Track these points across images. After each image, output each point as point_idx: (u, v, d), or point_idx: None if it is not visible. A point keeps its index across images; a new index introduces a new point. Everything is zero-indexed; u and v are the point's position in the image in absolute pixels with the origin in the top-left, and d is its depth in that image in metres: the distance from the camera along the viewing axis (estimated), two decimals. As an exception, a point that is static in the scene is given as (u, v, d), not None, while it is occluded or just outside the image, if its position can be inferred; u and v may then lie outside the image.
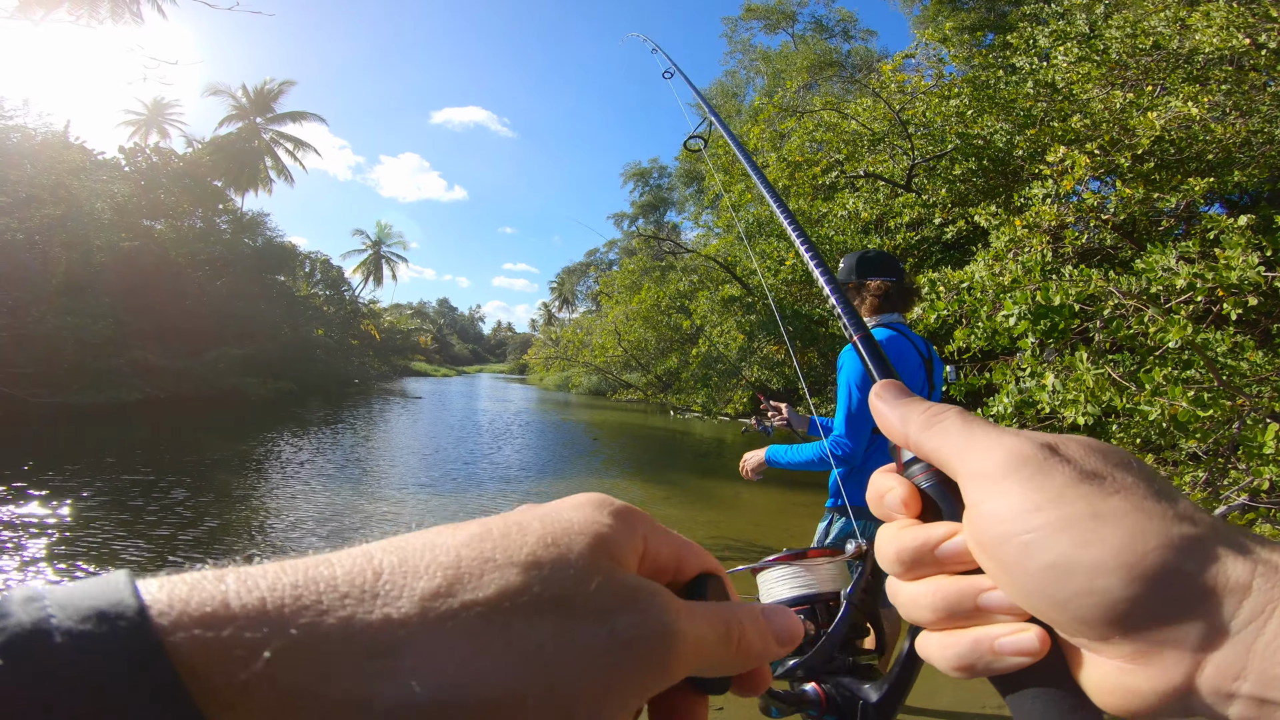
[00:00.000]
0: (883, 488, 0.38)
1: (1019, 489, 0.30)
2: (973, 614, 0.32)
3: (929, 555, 0.34)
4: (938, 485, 0.36)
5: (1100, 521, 0.28)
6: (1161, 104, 6.03)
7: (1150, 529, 0.28)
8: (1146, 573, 0.27)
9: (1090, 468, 0.30)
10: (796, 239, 0.69)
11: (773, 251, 13.40)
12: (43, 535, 5.37)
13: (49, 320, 13.92)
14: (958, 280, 5.12)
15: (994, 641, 0.31)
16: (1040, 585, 0.29)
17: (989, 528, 0.31)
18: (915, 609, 0.34)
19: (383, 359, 41.74)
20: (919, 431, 0.36)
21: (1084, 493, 0.29)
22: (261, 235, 27.73)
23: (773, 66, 27.50)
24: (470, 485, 8.67)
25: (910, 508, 0.36)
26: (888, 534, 0.36)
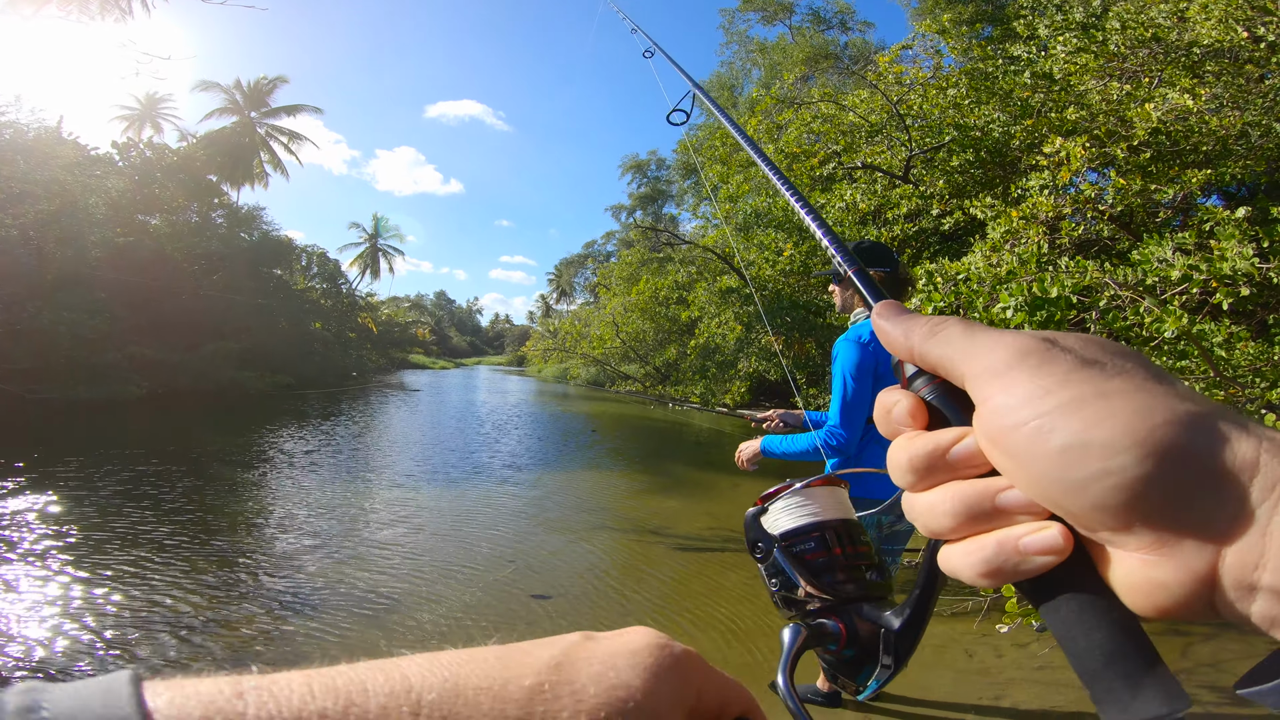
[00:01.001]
0: (889, 402, 0.38)
1: (1025, 378, 0.30)
2: (992, 515, 0.32)
3: (941, 460, 0.34)
4: (943, 395, 0.36)
5: (1107, 400, 0.29)
6: (1159, 96, 6.02)
7: (1156, 405, 0.28)
8: (1158, 448, 0.27)
9: (1090, 355, 0.31)
10: (781, 185, 0.70)
11: (770, 242, 13.40)
12: (39, 531, 5.38)
13: (44, 316, 13.89)
14: (955, 272, 5.13)
15: (1018, 541, 0.31)
16: (1056, 471, 0.29)
17: (1000, 419, 0.31)
18: (933, 517, 0.34)
19: (380, 352, 41.68)
20: (923, 341, 0.36)
21: (1088, 375, 0.30)
22: (257, 229, 27.61)
23: (769, 58, 27.38)
24: (470, 478, 8.69)
25: (917, 419, 0.36)
26: (899, 445, 0.36)
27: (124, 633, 3.75)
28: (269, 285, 26.77)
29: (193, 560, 4.98)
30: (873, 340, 2.58)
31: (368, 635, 3.88)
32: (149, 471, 7.73)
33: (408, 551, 5.49)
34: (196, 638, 3.73)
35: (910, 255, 11.31)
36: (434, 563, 5.25)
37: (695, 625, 4.28)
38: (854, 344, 2.59)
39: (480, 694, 0.27)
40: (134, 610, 4.05)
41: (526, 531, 6.34)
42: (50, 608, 4.02)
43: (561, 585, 4.88)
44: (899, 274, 2.75)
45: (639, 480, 9.41)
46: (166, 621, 3.91)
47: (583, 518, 6.97)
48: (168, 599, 4.24)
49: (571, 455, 11.84)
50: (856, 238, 11.85)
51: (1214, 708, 2.91)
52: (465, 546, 5.74)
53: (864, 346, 2.58)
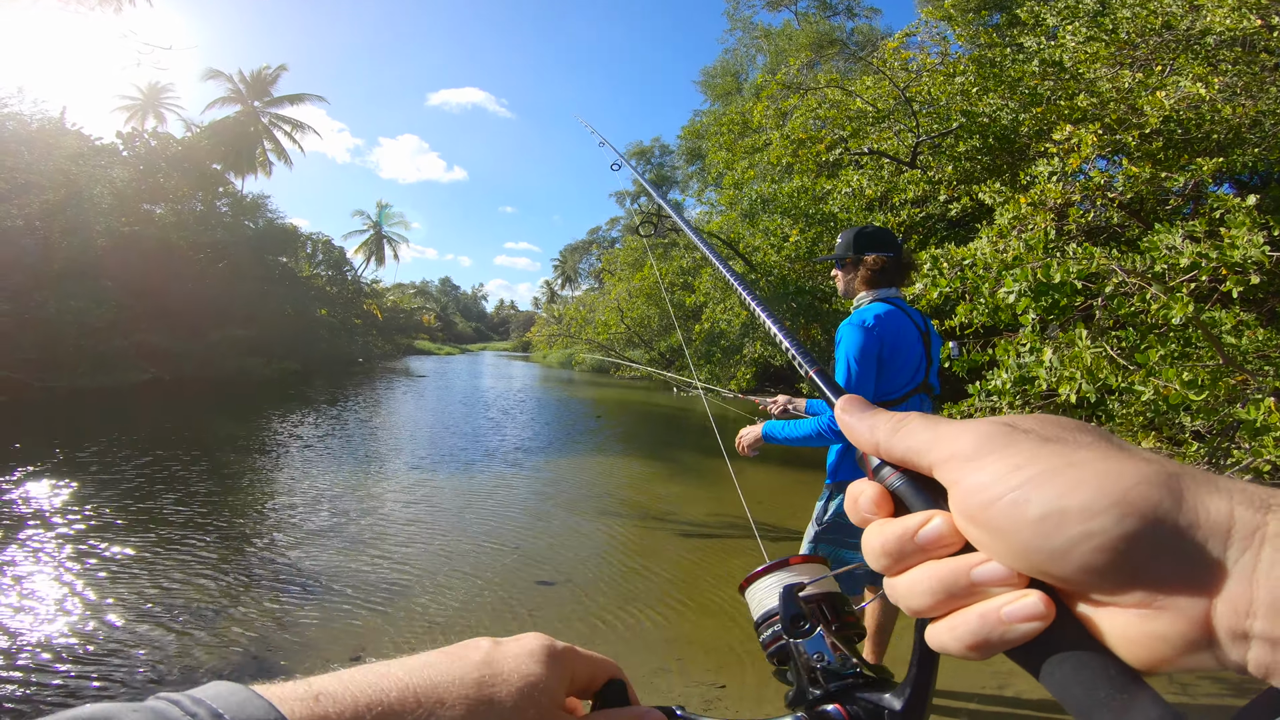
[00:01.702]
0: (855, 493, 0.39)
1: (994, 458, 0.32)
2: (969, 590, 0.33)
3: (910, 543, 0.35)
4: (908, 483, 0.37)
5: (1077, 469, 0.29)
6: (1171, 84, 5.94)
7: (1125, 469, 0.29)
8: (1135, 507, 0.28)
9: (1050, 434, 0.32)
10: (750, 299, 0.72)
11: (775, 228, 13.34)
12: (52, 518, 5.43)
13: (51, 305, 13.96)
14: (961, 257, 5.10)
15: (999, 612, 0.31)
16: (1037, 539, 0.29)
17: (975, 496, 0.32)
18: (912, 597, 0.35)
19: (386, 338, 41.75)
20: (888, 437, 0.38)
21: (1054, 449, 0.31)
22: (262, 217, 27.60)
23: (774, 44, 27.10)
24: (476, 464, 8.72)
25: (883, 507, 0.38)
26: (870, 533, 0.37)
27: (132, 622, 3.79)
28: (274, 273, 26.81)
29: (203, 547, 5.03)
30: (877, 324, 2.56)
31: (374, 622, 3.91)
32: (157, 458, 7.79)
33: (413, 538, 5.53)
34: (205, 625, 3.77)
35: (917, 241, 11.24)
36: (439, 549, 5.28)
37: (698, 611, 4.30)
38: (858, 328, 2.57)
39: (451, 684, 0.41)
40: (141, 599, 4.09)
41: (531, 517, 6.37)
42: (65, 594, 4.07)
43: (565, 571, 4.91)
44: (901, 258, 2.74)
45: (643, 466, 9.43)
46: (179, 607, 3.96)
47: (587, 503, 7.00)
48: (180, 585, 4.29)
49: (576, 441, 11.88)
50: (863, 223, 11.79)
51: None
52: (470, 532, 5.77)
53: (868, 330, 2.56)
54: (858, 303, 2.74)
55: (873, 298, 2.70)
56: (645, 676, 3.38)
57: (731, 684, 3.36)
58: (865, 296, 2.73)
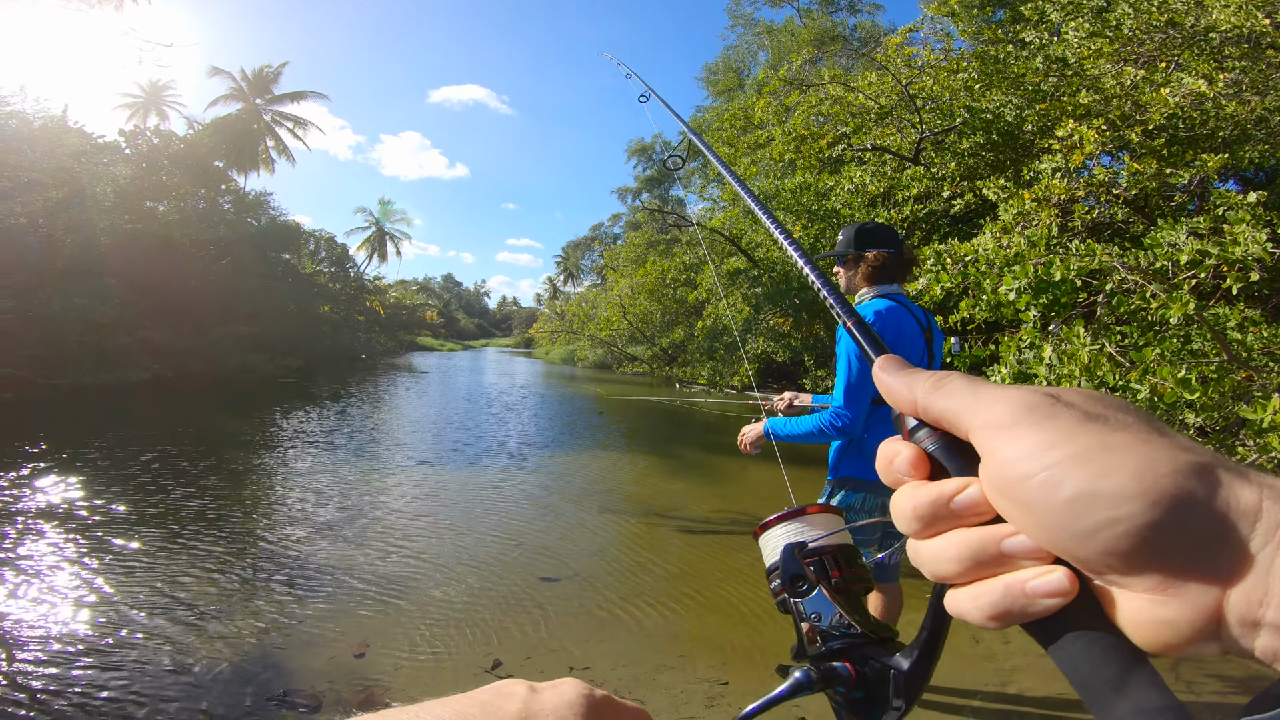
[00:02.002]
0: (890, 453, 0.39)
1: (1031, 431, 0.31)
2: (997, 560, 0.33)
3: (944, 509, 0.35)
4: (944, 446, 0.37)
5: (1113, 453, 0.30)
6: (1175, 81, 5.92)
7: (1161, 457, 0.29)
8: (1164, 496, 0.28)
9: (1093, 410, 0.32)
10: (781, 235, 0.71)
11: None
12: (58, 514, 5.46)
13: (55, 302, 13.98)
14: (964, 253, 5.09)
15: (1025, 585, 0.32)
16: (1065, 519, 0.30)
17: (1008, 470, 0.32)
18: (939, 563, 0.35)
19: (389, 334, 41.80)
20: (926, 395, 0.37)
21: (1093, 429, 0.31)
22: (265, 214, 27.61)
23: (776, 40, 27.02)
24: (479, 460, 8.74)
25: (919, 469, 0.37)
26: (903, 495, 0.37)
27: (144, 616, 3.81)
28: (277, 270, 26.83)
29: (209, 542, 5.05)
30: (878, 320, 2.57)
31: (380, 616, 3.93)
32: (162, 455, 7.81)
33: (418, 533, 5.55)
34: (210, 621, 3.79)
35: (920, 237, 11.23)
36: (444, 544, 5.30)
37: (703, 608, 4.31)
38: None
39: None
40: (152, 593, 4.11)
41: (535, 513, 6.38)
42: (71, 591, 4.09)
43: (570, 568, 4.93)
44: (903, 254, 2.74)
45: (646, 462, 9.45)
46: (184, 604, 3.98)
47: (590, 499, 7.01)
48: (184, 582, 4.31)
49: (578, 437, 11.89)
50: (866, 219, 11.77)
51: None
52: (474, 528, 5.79)
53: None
54: (859, 299, 2.74)
55: (874, 294, 2.70)
56: (649, 673, 3.39)
57: (735, 681, 3.37)
58: (867, 293, 2.73)
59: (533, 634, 3.80)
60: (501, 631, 3.83)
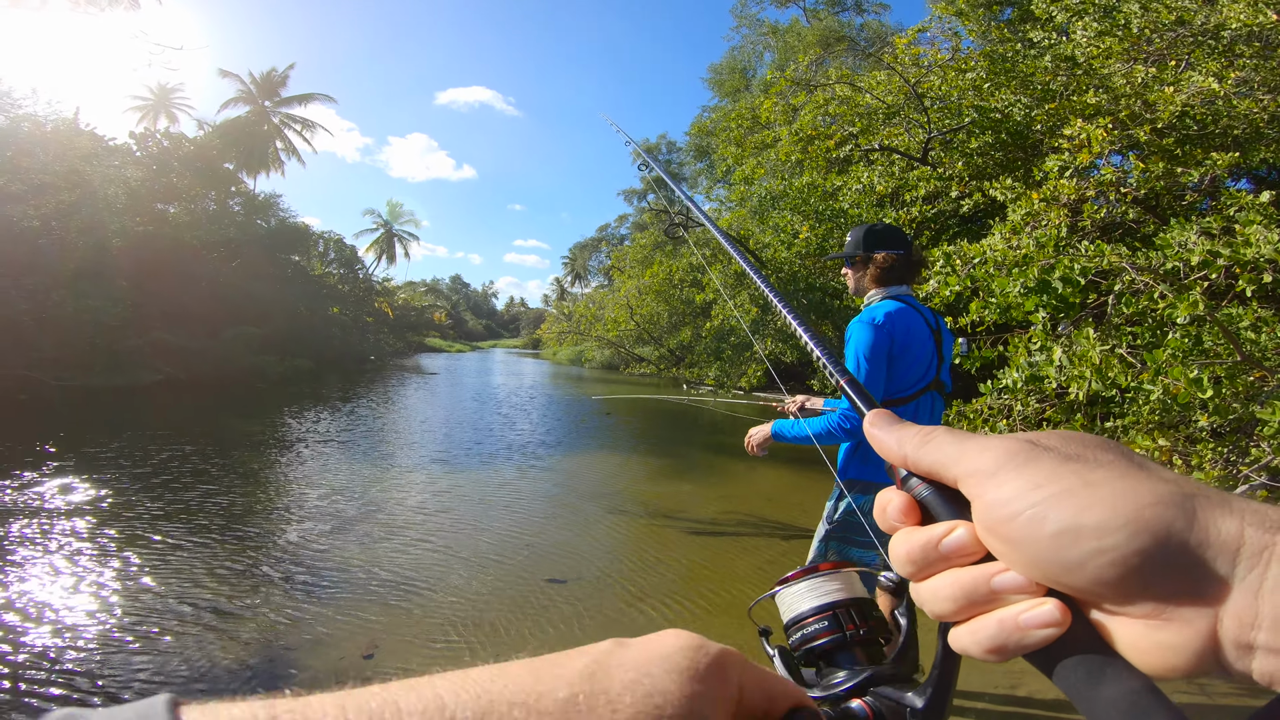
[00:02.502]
0: (884, 502, 0.40)
1: (1015, 475, 0.33)
2: (990, 598, 0.34)
3: (934, 551, 0.36)
4: (934, 493, 0.39)
5: (1094, 488, 0.31)
6: (1185, 79, 5.88)
7: (1141, 489, 0.31)
8: (1147, 525, 0.29)
9: (1071, 451, 0.34)
10: (776, 301, 0.75)
11: (786, 224, 13.30)
12: (71, 515, 5.51)
13: (68, 304, 14.10)
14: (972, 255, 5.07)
15: (1017, 618, 0.33)
16: (1053, 553, 0.31)
17: (996, 511, 0.33)
18: (936, 602, 0.36)
19: (397, 335, 41.93)
20: (915, 450, 0.39)
21: (1073, 469, 0.32)
22: (274, 216, 27.78)
23: (782, 41, 26.94)
24: (486, 461, 8.76)
25: (910, 516, 0.39)
26: (897, 540, 0.39)
27: (153, 614, 3.84)
28: (287, 271, 26.99)
29: (217, 544, 5.08)
30: (887, 321, 2.55)
31: (387, 618, 3.95)
32: (172, 456, 7.87)
33: (425, 535, 5.56)
34: (221, 621, 3.81)
35: (929, 238, 11.18)
36: (450, 546, 5.32)
37: (710, 610, 4.31)
38: (868, 325, 2.54)
39: (514, 709, 0.27)
40: (160, 593, 4.14)
41: (542, 515, 6.39)
42: (83, 589, 4.13)
43: (577, 569, 4.93)
44: (912, 256, 2.73)
45: (653, 464, 9.44)
46: (194, 603, 4.01)
47: (597, 501, 7.01)
48: (195, 581, 4.34)
49: (586, 438, 11.90)
50: (874, 220, 11.73)
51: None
52: (481, 529, 5.80)
53: (878, 328, 2.53)
54: (868, 300, 2.72)
55: (883, 295, 2.69)
56: (656, 674, 3.39)
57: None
58: (876, 294, 2.72)
59: (541, 635, 3.81)
60: (510, 633, 3.84)
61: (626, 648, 0.33)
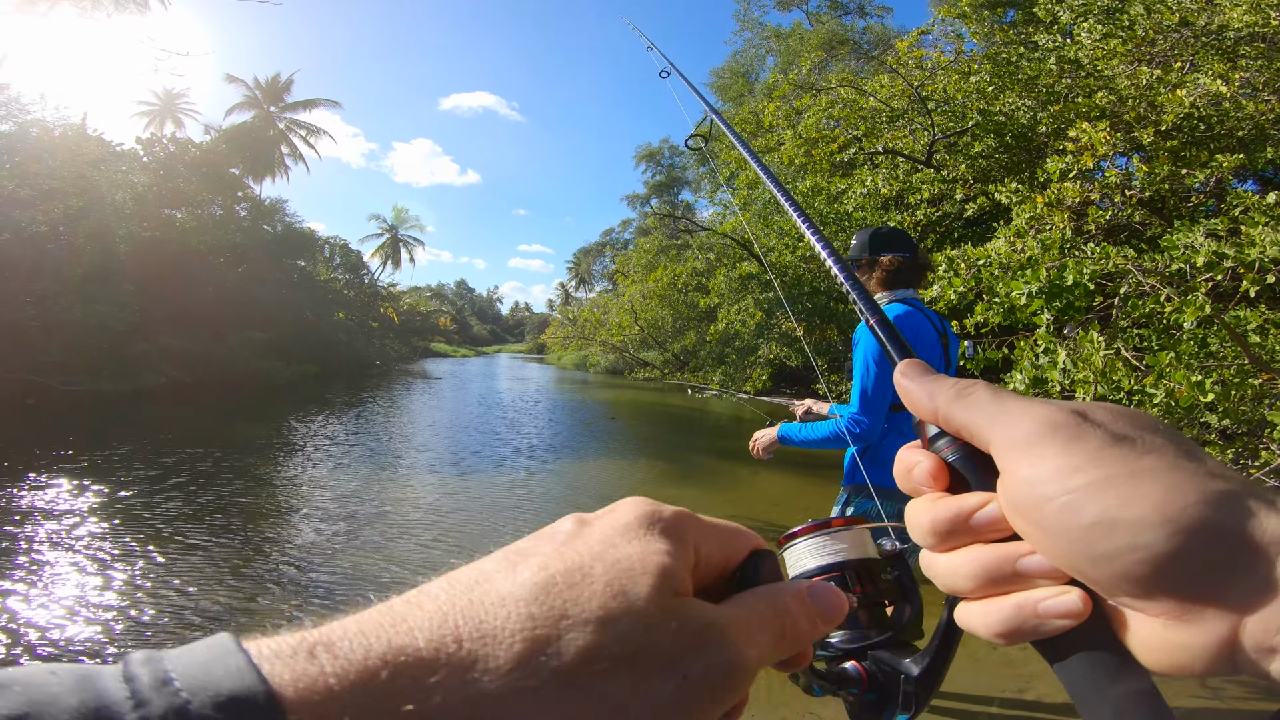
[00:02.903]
0: (910, 462, 0.38)
1: (1055, 453, 0.31)
2: (1012, 579, 0.32)
3: (963, 524, 0.34)
4: (965, 457, 0.36)
5: (1138, 479, 0.29)
6: (1190, 81, 5.87)
7: (1187, 485, 0.28)
8: (1188, 526, 0.27)
9: (1120, 431, 0.31)
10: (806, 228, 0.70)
11: (790, 228, 13.30)
12: (79, 518, 5.53)
13: (76, 309, 14.17)
14: (977, 258, 5.07)
15: (1037, 605, 0.31)
16: (1083, 544, 0.29)
17: (1028, 491, 0.31)
18: (953, 578, 0.35)
19: (403, 340, 42.05)
20: (948, 404, 0.37)
21: (1119, 454, 0.30)
22: (280, 221, 27.89)
23: (785, 44, 27.00)
24: (492, 465, 8.77)
25: (939, 480, 0.37)
26: (920, 506, 0.37)
27: (160, 618, 3.86)
28: (293, 276, 27.10)
29: (228, 546, 5.10)
30: (895, 323, 2.49)
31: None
32: (180, 460, 7.90)
33: (436, 536, 5.57)
34: (233, 623, 3.82)
35: (934, 240, 11.17)
36: (461, 547, 5.32)
37: (716, 613, 4.30)
38: None
39: (503, 604, 0.27)
40: (169, 595, 4.16)
41: (550, 517, 6.22)
42: (88, 593, 4.14)
43: (583, 573, 4.92)
44: (918, 259, 2.70)
45: (658, 467, 9.44)
46: (200, 607, 4.02)
47: (604, 504, 6.93)
48: (201, 585, 4.35)
49: (591, 442, 11.90)
50: (878, 223, 11.72)
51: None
52: (491, 531, 5.81)
53: None
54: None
55: (890, 299, 2.65)
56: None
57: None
58: (882, 297, 2.69)
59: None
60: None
61: (589, 525, 0.35)
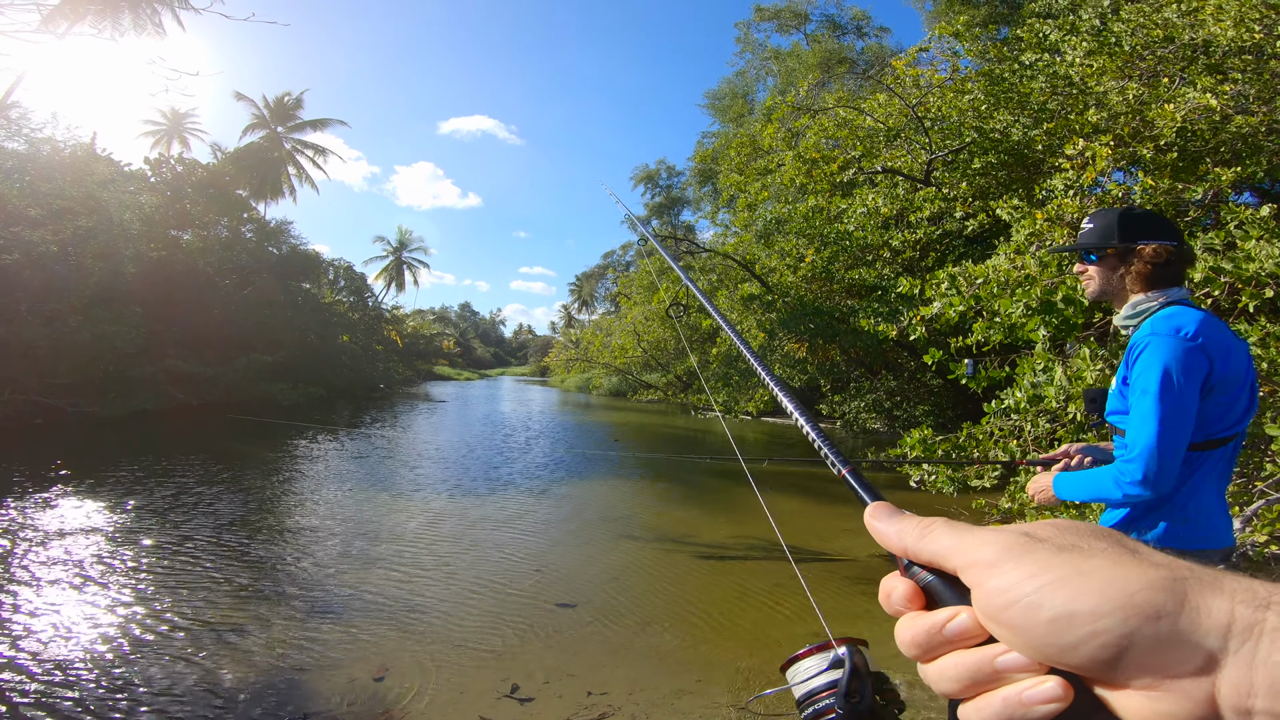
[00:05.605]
0: (888, 589, 0.43)
1: (1013, 566, 0.36)
2: (994, 677, 0.36)
3: (939, 635, 0.39)
4: (936, 580, 0.41)
5: (1087, 577, 0.34)
6: (1180, 95, 5.93)
7: (1130, 575, 0.33)
8: (1139, 609, 0.31)
9: (1065, 542, 0.36)
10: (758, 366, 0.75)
11: (791, 249, 13.36)
12: (85, 540, 5.53)
13: (84, 330, 14.22)
14: (975, 275, 5.10)
15: (1021, 695, 0.35)
16: (1050, 636, 0.33)
17: (995, 598, 0.36)
18: (943, 682, 0.39)
19: (407, 363, 42.07)
20: (915, 542, 0.42)
21: (1067, 558, 0.35)
22: (285, 243, 28.05)
23: (784, 64, 27.31)
24: (496, 488, 8.75)
25: (914, 602, 0.42)
26: (902, 625, 0.41)
27: (168, 636, 3.85)
28: (298, 299, 27.17)
29: (232, 566, 5.09)
30: (1201, 335, 1.80)
31: (398, 641, 3.94)
32: (185, 481, 7.90)
33: (434, 559, 5.56)
34: (236, 643, 3.81)
35: (935, 258, 11.22)
36: (459, 571, 5.31)
37: (718, 633, 4.28)
38: (1176, 339, 1.80)
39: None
40: (177, 614, 4.15)
41: (551, 540, 6.38)
42: (98, 614, 4.14)
43: (586, 593, 4.91)
44: (1185, 248, 2.01)
45: (662, 488, 9.42)
46: (208, 625, 4.01)
47: (606, 526, 6.99)
48: (210, 603, 4.34)
49: (595, 464, 11.87)
50: (879, 242, 11.78)
51: None
52: (492, 554, 5.79)
53: (1193, 345, 1.78)
54: (1136, 308, 1.97)
55: (1164, 301, 1.94)
56: (666, 698, 3.37)
57: (753, 704, 3.33)
58: (1149, 299, 1.96)
59: (550, 659, 3.79)
60: (519, 655, 3.82)
61: None
